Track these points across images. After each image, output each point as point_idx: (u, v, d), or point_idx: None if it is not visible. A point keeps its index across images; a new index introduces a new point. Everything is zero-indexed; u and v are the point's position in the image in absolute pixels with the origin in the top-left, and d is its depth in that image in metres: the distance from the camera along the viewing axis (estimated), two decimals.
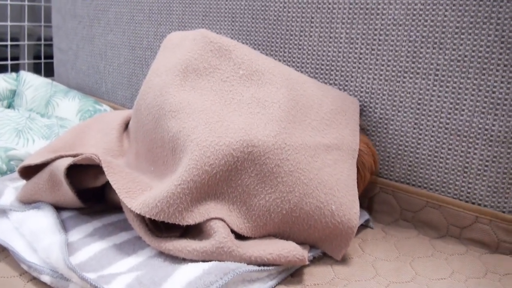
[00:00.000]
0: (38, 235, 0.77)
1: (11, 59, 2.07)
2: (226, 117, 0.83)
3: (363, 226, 0.97)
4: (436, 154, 0.95)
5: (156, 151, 0.87)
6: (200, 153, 0.76)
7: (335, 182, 0.82)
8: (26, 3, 2.07)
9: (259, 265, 0.73)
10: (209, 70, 0.91)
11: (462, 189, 0.93)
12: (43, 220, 0.81)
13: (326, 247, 0.82)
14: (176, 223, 0.74)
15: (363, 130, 1.03)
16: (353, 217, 0.80)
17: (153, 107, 0.88)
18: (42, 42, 2.13)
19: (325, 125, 0.90)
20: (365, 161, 0.94)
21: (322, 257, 0.83)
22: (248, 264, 0.73)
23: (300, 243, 0.81)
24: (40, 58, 2.16)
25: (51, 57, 1.95)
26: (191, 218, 0.75)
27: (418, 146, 0.97)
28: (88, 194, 0.88)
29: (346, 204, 0.81)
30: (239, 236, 0.79)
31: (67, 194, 0.83)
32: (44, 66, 2.14)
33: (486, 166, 0.90)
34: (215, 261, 0.71)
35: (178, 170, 0.76)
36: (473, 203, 0.92)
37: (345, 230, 0.80)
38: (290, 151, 0.81)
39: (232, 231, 0.77)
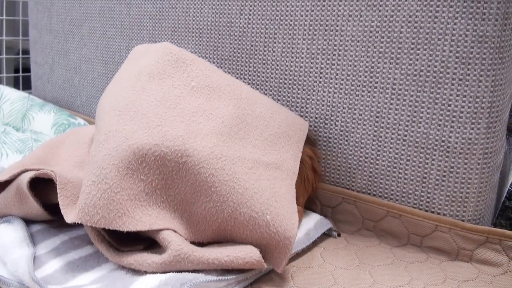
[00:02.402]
0: (7, 249, 0.78)
1: None
2: (167, 121, 0.82)
3: (326, 235, 0.98)
4: (395, 165, 0.97)
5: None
6: (137, 163, 0.77)
7: (272, 193, 0.81)
8: (4, 17, 2.08)
9: (216, 268, 0.74)
10: (162, 75, 0.91)
11: (422, 198, 0.95)
12: (12, 234, 0.82)
13: (267, 259, 0.80)
14: (118, 229, 0.75)
15: (313, 143, 1.05)
16: (290, 227, 0.78)
17: (105, 107, 0.88)
18: (20, 55, 2.14)
19: (267, 146, 0.90)
20: (309, 176, 0.97)
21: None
22: (206, 267, 0.74)
23: None
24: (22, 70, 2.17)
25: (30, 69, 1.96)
26: (132, 225, 0.76)
27: (378, 157, 0.99)
28: (58, 207, 0.89)
29: (283, 215, 0.79)
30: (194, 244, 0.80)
31: (33, 207, 0.84)
32: (23, 79, 2.14)
33: (444, 176, 0.92)
34: (174, 271, 0.72)
35: (116, 176, 0.76)
36: (433, 212, 0.94)
37: (282, 240, 0.78)
38: (227, 161, 0.80)
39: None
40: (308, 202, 1.03)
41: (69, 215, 0.78)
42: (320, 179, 1.04)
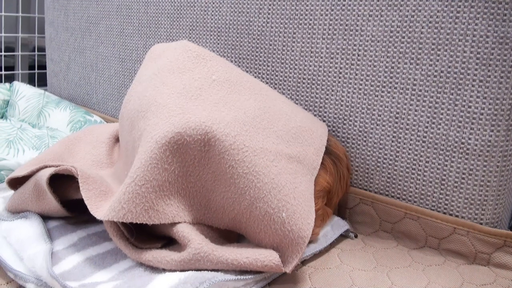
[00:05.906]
0: (24, 244, 0.78)
1: (8, 68, 2.08)
2: (189, 109, 0.82)
3: (343, 236, 0.97)
4: (414, 167, 0.96)
5: (130, 152, 0.87)
6: (160, 152, 0.77)
7: (292, 189, 0.80)
8: (20, 14, 2.08)
9: (235, 269, 0.74)
10: (182, 70, 0.91)
11: (440, 201, 0.94)
12: (29, 230, 0.82)
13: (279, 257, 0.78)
14: (144, 223, 0.75)
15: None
16: (305, 227, 0.77)
17: (131, 111, 0.89)
18: (36, 52, 2.15)
19: (291, 137, 0.89)
20: (345, 174, 0.96)
21: (301, 267, 0.84)
22: (224, 267, 0.73)
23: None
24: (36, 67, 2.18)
25: (46, 66, 1.97)
26: (157, 218, 0.76)
27: (397, 158, 0.98)
28: (76, 203, 0.88)
29: (300, 213, 0.78)
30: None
31: (51, 203, 0.84)
32: (38, 76, 2.15)
33: (463, 178, 0.91)
34: (193, 269, 0.72)
35: (140, 169, 0.76)
36: (451, 215, 0.93)
37: (296, 239, 0.76)
38: (248, 152, 0.79)
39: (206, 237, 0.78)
40: None
41: (97, 210, 0.78)
42: (350, 179, 1.04)
